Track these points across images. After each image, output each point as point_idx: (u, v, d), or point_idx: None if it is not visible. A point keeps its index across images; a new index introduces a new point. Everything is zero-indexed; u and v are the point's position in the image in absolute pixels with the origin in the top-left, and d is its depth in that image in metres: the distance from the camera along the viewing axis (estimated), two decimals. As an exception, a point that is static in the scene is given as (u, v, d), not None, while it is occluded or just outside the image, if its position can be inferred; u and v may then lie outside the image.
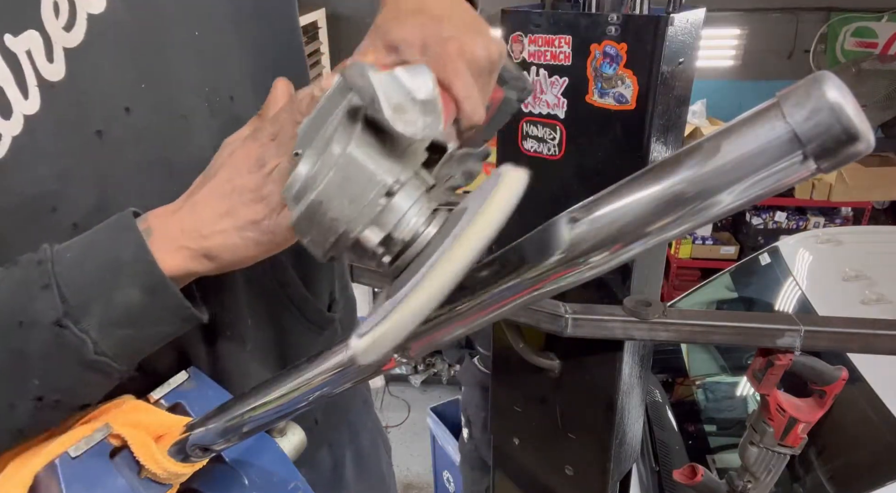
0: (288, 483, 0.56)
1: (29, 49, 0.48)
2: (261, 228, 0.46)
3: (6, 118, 0.48)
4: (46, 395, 0.47)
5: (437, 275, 0.31)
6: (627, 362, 1.09)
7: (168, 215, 0.48)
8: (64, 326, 0.45)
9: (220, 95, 0.58)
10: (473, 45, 0.46)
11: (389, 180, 0.37)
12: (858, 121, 0.25)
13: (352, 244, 0.39)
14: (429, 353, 2.50)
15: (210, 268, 0.48)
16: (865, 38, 4.15)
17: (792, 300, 2.12)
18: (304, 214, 0.39)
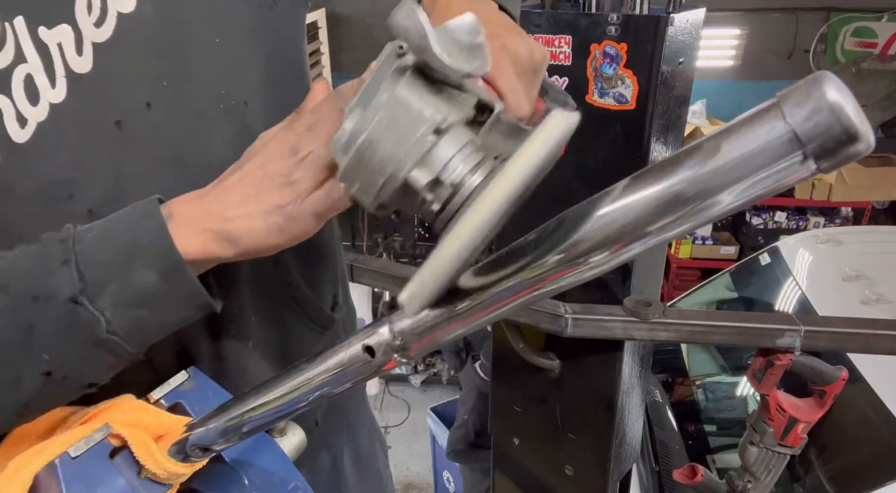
0: (288, 483, 0.56)
1: (60, 42, 0.51)
2: (285, 213, 0.47)
3: (34, 104, 0.50)
4: (55, 370, 0.47)
5: (469, 221, 0.32)
6: (627, 362, 1.09)
7: (194, 200, 0.50)
8: (79, 303, 0.46)
9: (234, 99, 0.60)
10: (517, 44, 0.48)
11: (438, 117, 0.37)
12: (858, 121, 0.25)
13: (400, 186, 0.38)
14: (429, 353, 2.50)
15: (231, 253, 0.48)
16: (865, 38, 4.15)
17: (792, 300, 2.12)
18: (353, 160, 0.39)
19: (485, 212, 0.31)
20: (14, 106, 0.49)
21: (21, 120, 0.50)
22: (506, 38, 0.48)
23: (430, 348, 0.42)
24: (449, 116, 0.38)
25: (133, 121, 0.54)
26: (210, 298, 0.50)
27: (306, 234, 0.48)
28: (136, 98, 0.55)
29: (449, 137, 0.38)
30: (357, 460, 0.90)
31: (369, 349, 0.42)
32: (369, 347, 0.42)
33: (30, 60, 0.50)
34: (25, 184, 0.51)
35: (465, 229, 0.32)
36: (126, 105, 0.54)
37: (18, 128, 0.50)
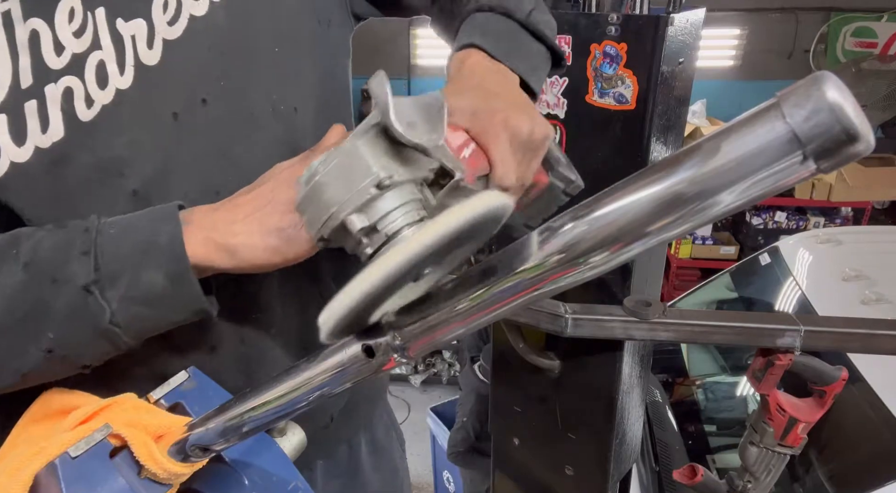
0: (288, 483, 0.56)
1: (134, 34, 0.56)
2: (282, 236, 0.50)
3: (102, 88, 0.55)
4: (56, 349, 0.51)
5: (375, 266, 0.35)
6: (627, 362, 1.09)
7: (208, 211, 0.54)
8: (91, 292, 0.50)
9: (285, 105, 0.64)
10: (518, 120, 0.51)
11: (382, 174, 0.41)
12: (858, 121, 0.25)
13: (339, 226, 0.42)
14: (429, 353, 2.50)
15: (229, 264, 0.52)
16: (865, 38, 4.15)
17: (792, 300, 2.12)
18: (307, 194, 0.44)
19: (389, 262, 0.34)
20: (84, 87, 0.54)
21: (88, 101, 0.54)
22: (509, 114, 0.51)
23: (429, 348, 0.42)
24: (396, 175, 0.42)
25: (188, 114, 0.58)
26: (207, 304, 0.53)
27: (299, 257, 0.52)
28: (195, 93, 0.59)
29: (393, 192, 0.42)
30: (373, 450, 0.91)
31: (369, 349, 0.42)
32: (369, 347, 0.42)
33: (104, 48, 0.55)
34: (83, 157, 0.55)
35: (373, 272, 0.35)
36: (184, 99, 0.58)
37: (85, 107, 0.54)
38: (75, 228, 0.52)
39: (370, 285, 0.35)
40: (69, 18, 0.53)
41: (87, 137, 0.55)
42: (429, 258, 0.35)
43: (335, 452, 0.85)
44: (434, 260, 0.37)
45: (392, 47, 4.50)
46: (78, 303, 0.50)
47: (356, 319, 0.38)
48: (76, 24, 0.53)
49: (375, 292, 0.35)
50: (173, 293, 0.51)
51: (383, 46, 4.42)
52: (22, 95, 0.52)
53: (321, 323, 0.37)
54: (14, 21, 0.52)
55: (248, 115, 0.62)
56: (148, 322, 0.52)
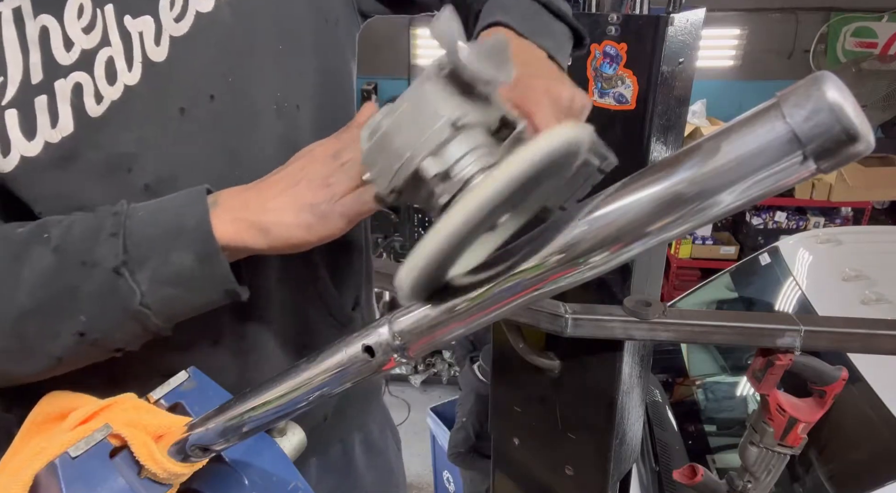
0: (288, 483, 0.56)
1: (142, 31, 0.56)
2: (316, 212, 0.50)
3: (111, 84, 0.55)
4: (88, 332, 0.52)
5: (455, 210, 0.33)
6: (627, 362, 1.09)
7: (237, 192, 0.54)
8: (120, 274, 0.50)
9: (288, 102, 0.64)
10: (559, 87, 0.50)
11: (456, 113, 0.39)
12: (858, 121, 0.25)
13: (413, 174, 0.40)
14: (429, 353, 2.50)
15: (261, 244, 0.52)
16: (865, 38, 4.15)
17: (792, 300, 2.12)
18: (375, 144, 0.42)
19: (468, 206, 0.32)
20: (94, 83, 0.55)
21: (98, 97, 0.55)
22: (550, 81, 0.51)
23: (429, 348, 0.42)
24: (468, 116, 0.39)
25: (196, 110, 0.59)
26: (237, 285, 0.53)
27: (333, 234, 0.51)
28: (202, 89, 0.59)
29: (464, 136, 0.40)
30: (367, 449, 0.92)
31: (369, 349, 0.42)
32: (369, 347, 0.42)
33: (113, 45, 0.55)
34: (92, 153, 0.56)
35: (452, 218, 0.33)
36: (192, 95, 0.59)
37: (94, 103, 0.55)
38: (104, 212, 0.52)
39: (450, 234, 0.33)
40: (78, 15, 0.54)
41: (96, 133, 0.55)
42: (506, 202, 0.33)
43: (329, 450, 0.85)
44: (511, 205, 0.35)
45: (392, 47, 4.49)
46: (108, 285, 0.50)
47: (435, 274, 0.36)
48: (85, 20, 0.54)
49: (455, 240, 0.33)
50: (202, 274, 0.51)
51: (383, 46, 4.42)
52: (32, 90, 0.53)
53: (399, 283, 0.35)
54: (24, 17, 0.52)
55: (253, 112, 0.62)
56: (178, 304, 0.53)
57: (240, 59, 0.61)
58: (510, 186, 0.32)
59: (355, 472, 0.89)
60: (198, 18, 0.58)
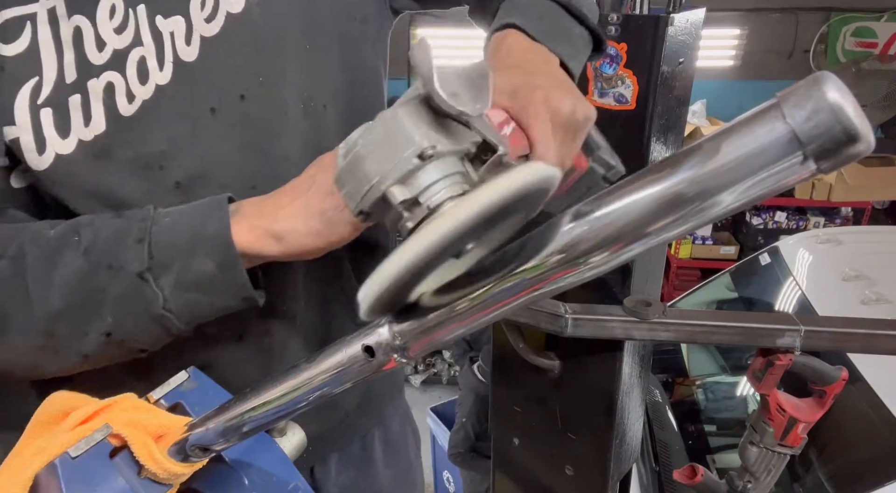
0: (288, 483, 0.56)
1: (173, 31, 0.57)
2: (324, 219, 0.51)
3: (142, 83, 0.56)
4: (114, 333, 0.53)
5: (415, 238, 0.33)
6: (627, 362, 1.09)
7: (257, 201, 0.55)
8: (145, 279, 0.52)
9: (315, 102, 0.65)
10: (560, 98, 0.49)
11: (425, 143, 0.39)
12: (859, 122, 0.25)
13: (380, 198, 0.40)
14: (429, 353, 2.50)
15: (277, 251, 0.53)
16: (865, 38, 4.15)
17: (792, 300, 2.12)
18: (347, 165, 0.42)
19: (430, 235, 0.32)
20: (126, 83, 0.56)
21: (130, 96, 0.56)
22: (550, 92, 0.49)
23: (430, 348, 0.42)
24: (439, 145, 0.40)
25: (227, 109, 0.60)
26: (254, 292, 0.55)
27: (342, 239, 0.52)
28: (233, 89, 0.60)
29: (436, 164, 0.40)
30: (387, 445, 0.92)
31: (369, 349, 0.42)
32: (369, 347, 0.42)
33: (145, 45, 0.56)
34: (124, 151, 0.57)
35: (414, 245, 0.33)
36: (222, 94, 0.60)
37: (126, 102, 0.56)
38: (132, 217, 0.54)
39: (410, 260, 0.33)
40: (110, 15, 0.55)
41: (128, 132, 0.57)
42: (472, 232, 0.33)
43: (349, 446, 0.86)
44: (477, 234, 0.36)
45: (392, 47, 4.49)
46: (133, 289, 0.52)
47: (395, 296, 0.37)
48: (117, 20, 0.55)
49: (415, 267, 0.34)
50: (222, 280, 0.53)
51: (383, 46, 4.41)
52: (67, 89, 0.54)
53: (360, 299, 0.36)
54: (59, 18, 0.53)
55: (282, 111, 0.63)
56: (199, 308, 0.54)
57: (269, 58, 0.61)
58: (476, 218, 0.32)
59: (374, 467, 0.90)
60: (228, 19, 0.59)
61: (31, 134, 0.54)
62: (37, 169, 0.55)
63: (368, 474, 0.89)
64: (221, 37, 0.59)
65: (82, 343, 0.54)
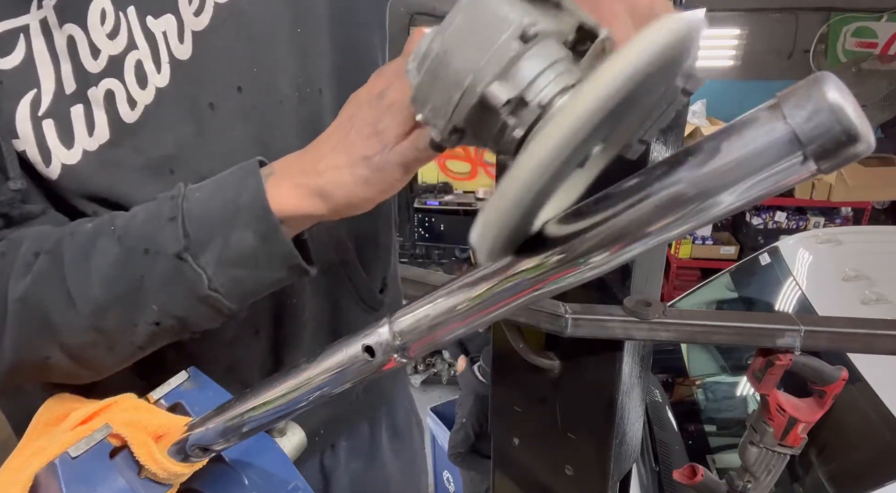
0: (288, 483, 0.56)
1: (165, 30, 0.55)
2: (371, 164, 0.46)
3: (142, 88, 0.55)
4: (163, 321, 0.51)
5: (543, 139, 0.26)
6: (627, 362, 1.09)
7: (293, 158, 0.51)
8: (183, 259, 0.48)
9: (310, 87, 0.63)
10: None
11: (525, 20, 0.31)
12: (859, 122, 0.25)
13: (477, 104, 0.32)
14: (429, 353, 2.50)
15: (324, 209, 0.48)
16: (865, 38, 4.14)
17: (792, 300, 2.12)
18: (426, 76, 0.34)
19: (556, 135, 0.25)
20: (126, 89, 0.54)
21: (131, 102, 0.55)
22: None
23: (430, 348, 0.42)
24: (539, 23, 0.32)
25: (225, 103, 0.58)
26: (301, 260, 0.51)
27: (394, 186, 0.47)
28: (229, 82, 0.59)
29: (538, 48, 0.32)
30: (394, 435, 0.92)
31: (369, 349, 0.42)
32: (369, 347, 0.42)
33: (140, 47, 0.55)
34: (133, 159, 0.56)
35: (533, 155, 0.25)
36: (219, 88, 0.58)
37: (129, 109, 0.55)
38: (163, 198, 0.51)
39: (531, 177, 0.26)
40: (101, 20, 0.53)
41: (134, 139, 0.55)
42: (601, 126, 0.26)
43: (357, 430, 0.86)
44: (605, 130, 0.29)
45: (392, 48, 4.49)
46: (173, 272, 0.49)
47: (518, 226, 0.30)
48: (109, 25, 0.54)
49: (540, 184, 0.27)
50: (266, 252, 0.49)
51: (383, 46, 4.41)
52: (67, 100, 0.53)
53: (475, 242, 0.29)
54: (52, 28, 0.52)
55: (277, 100, 0.61)
56: (247, 284, 0.51)
57: (261, 47, 0.60)
58: (605, 107, 0.25)
59: (382, 457, 0.90)
60: (217, 10, 0.57)
61: (35, 146, 0.53)
62: (49, 178, 0.54)
63: (376, 462, 0.89)
64: (212, 29, 0.57)
65: (134, 335, 0.51)
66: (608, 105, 0.25)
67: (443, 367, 3.97)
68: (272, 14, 0.60)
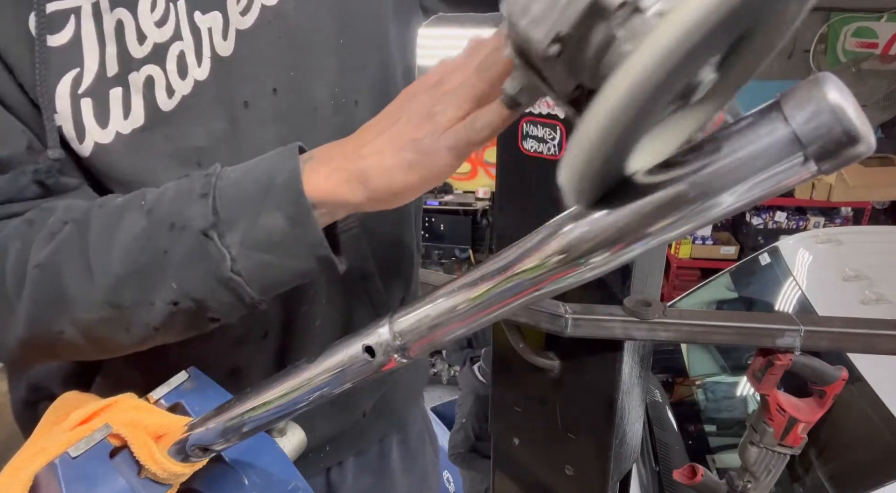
0: (288, 483, 0.56)
1: (210, 27, 0.57)
2: (419, 147, 0.44)
3: (182, 78, 0.56)
4: (181, 301, 0.49)
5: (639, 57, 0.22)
6: (627, 362, 1.09)
7: (334, 144, 0.49)
8: (209, 236, 0.47)
9: (346, 98, 0.64)
10: None
11: None
12: (859, 123, 0.25)
13: (588, 7, 0.28)
14: (429, 353, 2.50)
15: (360, 196, 0.46)
16: (865, 38, 4.14)
17: (792, 300, 2.12)
18: None
19: (664, 36, 0.21)
20: (166, 77, 0.56)
21: (169, 91, 0.56)
22: None
23: (430, 349, 0.42)
24: None
25: (259, 103, 0.60)
26: (330, 252, 0.48)
27: (441, 172, 0.44)
28: (265, 83, 0.60)
29: None
30: (405, 451, 0.92)
31: (369, 349, 0.42)
32: (369, 347, 0.42)
33: (184, 39, 0.56)
34: (163, 146, 0.57)
35: (638, 61, 0.22)
36: (255, 88, 0.59)
37: (166, 97, 0.56)
38: (197, 175, 0.50)
39: (640, 82, 0.22)
40: (151, 8, 0.55)
41: (167, 127, 0.57)
42: (718, 36, 0.22)
43: (366, 449, 0.85)
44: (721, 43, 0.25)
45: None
46: (196, 249, 0.47)
47: (611, 158, 0.26)
48: (158, 14, 0.55)
49: (647, 94, 0.23)
50: (294, 237, 0.47)
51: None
52: (108, 82, 0.54)
53: (562, 179, 0.26)
54: (102, 12, 0.54)
55: (311, 106, 0.62)
56: (272, 271, 0.48)
57: (301, 53, 0.61)
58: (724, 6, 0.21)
59: (391, 475, 0.89)
60: (263, 11, 0.59)
61: (71, 123, 0.54)
62: (82, 155, 0.55)
63: (385, 480, 0.88)
64: (255, 30, 0.58)
65: (150, 313, 0.50)
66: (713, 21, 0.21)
67: (443, 367, 3.97)
68: (316, 22, 0.62)
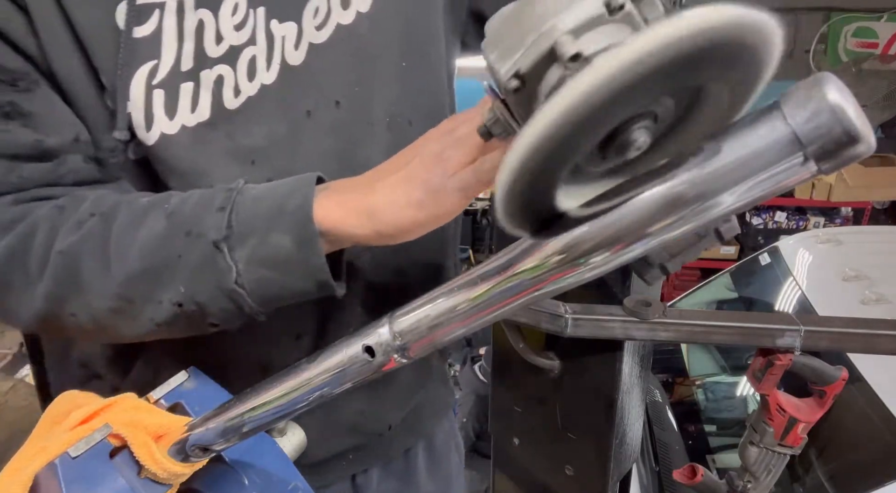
0: (288, 483, 0.56)
1: (284, 35, 0.60)
2: (428, 186, 0.46)
3: (250, 81, 0.59)
4: (185, 303, 0.52)
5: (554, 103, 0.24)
6: (627, 362, 1.09)
7: (352, 178, 0.53)
8: (220, 249, 0.50)
9: (401, 117, 0.67)
10: None
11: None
12: (860, 123, 0.25)
13: (546, 53, 0.31)
14: (429, 352, 2.49)
15: (368, 229, 0.49)
16: (866, 39, 4.14)
17: (792, 300, 2.12)
18: (510, 14, 0.33)
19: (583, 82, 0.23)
20: (235, 78, 0.58)
21: (236, 90, 0.59)
22: None
23: (430, 349, 0.42)
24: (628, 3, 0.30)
25: (321, 113, 0.62)
26: (330, 278, 0.51)
27: (448, 211, 0.47)
28: (330, 95, 0.62)
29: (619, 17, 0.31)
30: (431, 458, 0.92)
31: (369, 349, 0.42)
32: (369, 347, 0.42)
33: (258, 44, 0.59)
34: (223, 142, 0.59)
35: (559, 99, 0.24)
36: (320, 98, 0.62)
37: (232, 96, 0.59)
38: (221, 188, 0.54)
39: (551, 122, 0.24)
40: (232, 12, 0.58)
41: (229, 124, 0.59)
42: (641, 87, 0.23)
43: (392, 459, 0.86)
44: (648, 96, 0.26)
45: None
46: (206, 259, 0.50)
47: (536, 185, 0.27)
48: (238, 18, 0.58)
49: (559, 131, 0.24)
50: (298, 259, 0.50)
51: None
52: (181, 76, 0.57)
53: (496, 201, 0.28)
54: (185, 10, 0.56)
55: (369, 122, 0.64)
56: (273, 288, 0.51)
57: (367, 71, 0.64)
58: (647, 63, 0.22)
59: (417, 480, 0.90)
60: (338, 29, 0.61)
61: (142, 112, 0.56)
62: (145, 143, 0.57)
63: (411, 486, 0.89)
64: (328, 45, 0.61)
65: (156, 310, 0.53)
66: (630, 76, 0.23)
67: (443, 367, 3.97)
68: (384, 44, 0.64)
